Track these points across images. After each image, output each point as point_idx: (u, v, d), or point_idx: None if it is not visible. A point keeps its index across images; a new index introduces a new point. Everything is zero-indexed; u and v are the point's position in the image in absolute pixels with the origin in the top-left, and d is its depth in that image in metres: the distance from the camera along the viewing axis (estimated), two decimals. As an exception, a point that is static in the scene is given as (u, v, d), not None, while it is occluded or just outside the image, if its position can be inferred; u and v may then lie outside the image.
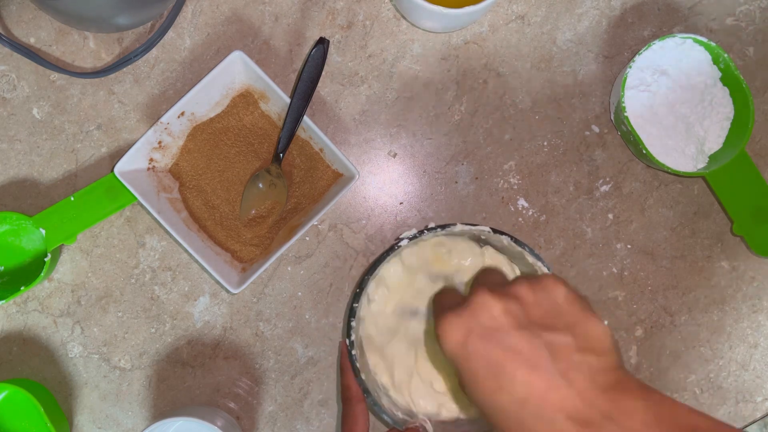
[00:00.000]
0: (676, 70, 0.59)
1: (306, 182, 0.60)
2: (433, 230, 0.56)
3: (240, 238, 0.59)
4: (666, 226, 0.63)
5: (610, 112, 0.62)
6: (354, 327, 0.56)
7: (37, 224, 0.57)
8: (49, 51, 0.61)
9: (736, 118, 0.59)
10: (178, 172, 0.59)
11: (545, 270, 0.55)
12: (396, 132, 0.62)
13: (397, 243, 0.56)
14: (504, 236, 0.56)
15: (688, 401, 0.62)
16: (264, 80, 0.56)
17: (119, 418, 0.61)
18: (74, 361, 0.61)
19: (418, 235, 0.56)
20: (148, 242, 0.61)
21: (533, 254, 0.56)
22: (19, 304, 0.61)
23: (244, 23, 0.61)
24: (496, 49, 0.62)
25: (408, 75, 0.62)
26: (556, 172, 0.62)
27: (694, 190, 0.63)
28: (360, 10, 0.62)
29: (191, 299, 0.61)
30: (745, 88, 0.57)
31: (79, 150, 0.61)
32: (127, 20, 0.57)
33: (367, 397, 0.55)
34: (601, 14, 0.63)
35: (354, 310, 0.56)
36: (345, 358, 0.57)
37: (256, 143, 0.60)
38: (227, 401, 0.61)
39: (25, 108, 0.61)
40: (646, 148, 0.57)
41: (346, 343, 0.56)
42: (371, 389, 0.56)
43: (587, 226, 0.63)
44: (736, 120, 0.59)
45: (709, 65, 0.59)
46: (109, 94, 0.61)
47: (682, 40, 0.59)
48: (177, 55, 0.61)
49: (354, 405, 0.56)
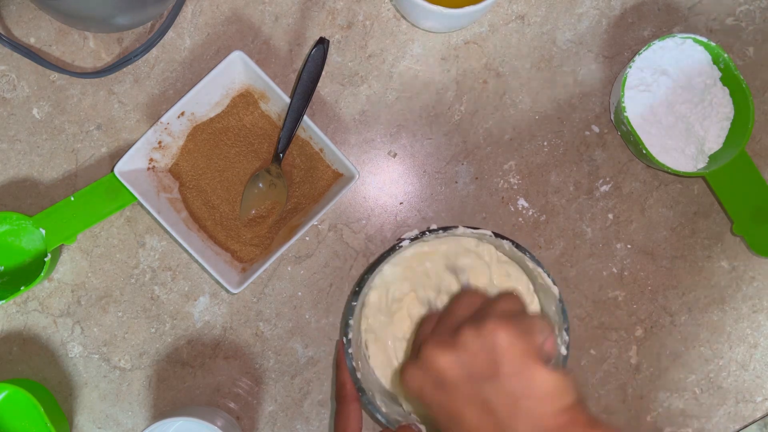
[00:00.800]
0: (676, 70, 0.59)
1: (306, 182, 0.60)
2: (434, 232, 0.56)
3: (240, 238, 0.59)
4: (666, 226, 0.63)
5: (610, 112, 0.62)
6: (351, 325, 0.56)
7: (37, 224, 0.57)
8: (49, 51, 0.61)
9: (736, 118, 0.59)
10: (178, 172, 0.59)
11: (545, 276, 0.56)
12: (396, 132, 0.62)
13: (398, 244, 0.56)
14: (505, 241, 0.56)
15: (688, 401, 0.62)
16: (264, 80, 0.56)
17: (119, 418, 0.61)
18: (74, 361, 0.61)
19: (419, 236, 0.56)
20: (148, 242, 0.61)
21: (534, 260, 0.56)
22: (19, 304, 0.61)
23: (244, 23, 0.61)
24: (496, 49, 0.62)
25: (408, 75, 0.62)
26: (556, 172, 0.62)
27: (694, 190, 0.63)
28: (360, 10, 0.62)
29: (191, 299, 0.61)
30: (745, 88, 0.57)
31: (79, 150, 0.61)
32: (127, 20, 0.57)
33: (361, 396, 0.55)
34: (601, 14, 0.63)
35: (352, 309, 0.56)
36: (341, 356, 0.57)
37: (256, 143, 0.60)
38: (227, 401, 0.61)
39: (25, 108, 0.61)
40: (646, 148, 0.57)
41: (342, 342, 0.56)
42: (366, 388, 0.56)
43: (587, 226, 0.63)
44: (736, 120, 0.59)
45: (709, 65, 0.59)
46: (109, 94, 0.61)
47: (682, 40, 0.59)
48: (177, 55, 0.61)
49: (348, 404, 0.56)
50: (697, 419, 0.63)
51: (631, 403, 0.63)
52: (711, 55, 0.59)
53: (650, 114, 0.59)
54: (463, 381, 0.45)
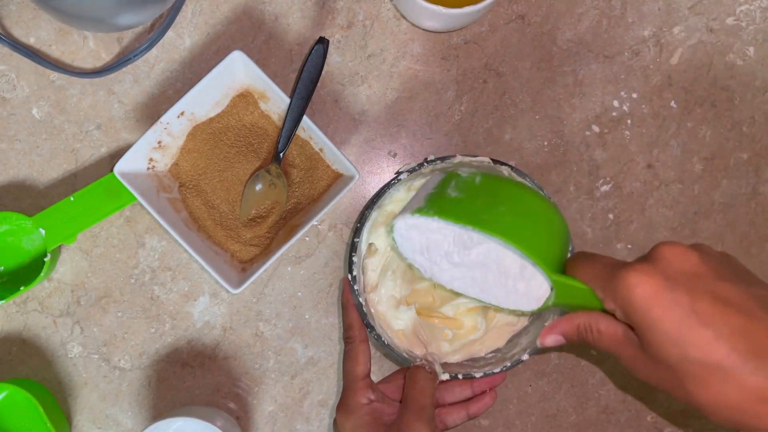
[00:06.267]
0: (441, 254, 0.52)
1: (306, 182, 0.59)
2: (432, 162, 0.56)
3: (240, 238, 0.59)
4: (666, 226, 0.63)
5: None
6: (356, 262, 0.55)
7: (36, 224, 0.57)
8: (49, 51, 0.61)
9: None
10: (177, 172, 0.59)
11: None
12: (396, 132, 0.62)
13: (396, 177, 0.56)
14: (504, 167, 0.55)
15: (688, 401, 0.62)
16: (264, 80, 0.56)
17: (119, 418, 0.61)
18: (74, 361, 0.61)
19: (417, 168, 0.56)
20: (148, 242, 0.61)
21: (534, 184, 0.56)
22: (19, 304, 0.61)
23: (244, 23, 0.61)
24: (496, 49, 0.62)
25: (408, 75, 0.62)
26: (556, 172, 0.62)
27: (695, 189, 0.63)
28: (360, 10, 0.62)
29: (191, 299, 0.61)
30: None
31: (78, 150, 0.61)
32: (126, 20, 0.57)
33: (370, 332, 0.55)
34: (601, 14, 0.63)
35: (355, 245, 0.55)
36: (347, 295, 0.56)
37: (256, 143, 0.60)
38: (227, 401, 0.61)
39: (24, 108, 0.61)
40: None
41: (348, 279, 0.55)
42: (375, 325, 0.55)
43: (587, 226, 0.63)
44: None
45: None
46: (109, 94, 0.61)
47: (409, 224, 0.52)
48: (177, 55, 0.61)
49: (356, 345, 0.55)
50: (697, 419, 0.63)
51: (631, 403, 0.63)
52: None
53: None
54: (719, 279, 0.39)
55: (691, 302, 0.39)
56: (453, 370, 0.56)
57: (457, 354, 0.58)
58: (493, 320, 0.58)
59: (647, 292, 0.40)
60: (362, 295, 0.56)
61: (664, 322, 0.39)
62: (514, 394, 0.63)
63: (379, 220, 0.58)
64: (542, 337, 0.50)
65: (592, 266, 0.45)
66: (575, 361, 0.63)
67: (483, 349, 0.58)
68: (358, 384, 0.54)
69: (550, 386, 0.63)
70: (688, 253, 0.41)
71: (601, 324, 0.45)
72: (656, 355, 0.40)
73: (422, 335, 0.58)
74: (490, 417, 0.63)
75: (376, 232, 0.58)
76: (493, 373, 0.55)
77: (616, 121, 0.63)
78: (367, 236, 0.57)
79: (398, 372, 0.59)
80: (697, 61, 0.63)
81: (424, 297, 0.58)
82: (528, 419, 0.63)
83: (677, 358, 0.39)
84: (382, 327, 0.57)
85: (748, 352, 0.37)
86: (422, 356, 0.56)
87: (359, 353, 0.55)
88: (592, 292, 0.45)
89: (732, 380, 0.38)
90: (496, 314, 0.58)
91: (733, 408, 0.38)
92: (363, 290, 0.56)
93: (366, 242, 0.57)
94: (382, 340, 0.55)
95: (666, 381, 0.41)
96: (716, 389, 0.38)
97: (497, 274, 0.50)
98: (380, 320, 0.57)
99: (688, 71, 0.63)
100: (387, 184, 0.56)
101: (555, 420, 0.63)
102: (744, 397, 0.38)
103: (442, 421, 0.56)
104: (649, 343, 0.41)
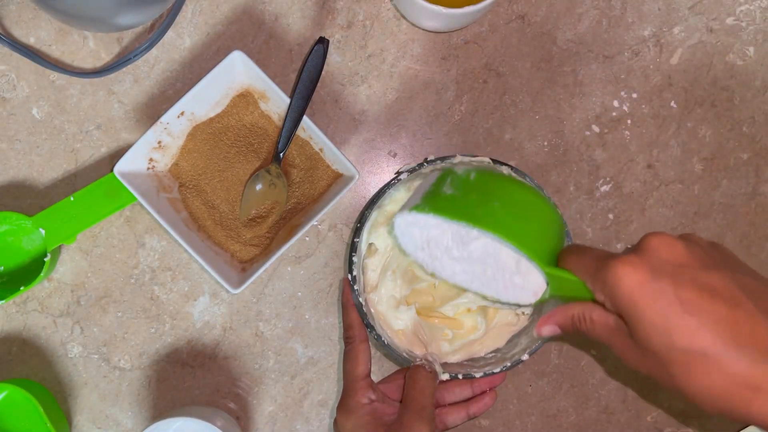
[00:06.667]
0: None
1: (306, 182, 0.59)
2: (432, 162, 0.56)
3: (240, 238, 0.59)
4: (666, 226, 0.63)
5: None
6: (356, 262, 0.55)
7: (36, 224, 0.57)
8: (49, 51, 0.61)
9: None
10: (177, 172, 0.59)
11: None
12: (396, 132, 0.62)
13: (396, 177, 0.56)
14: (504, 167, 0.56)
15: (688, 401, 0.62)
16: (264, 80, 0.56)
17: (119, 418, 0.61)
18: (74, 361, 0.61)
19: (417, 168, 0.56)
20: (148, 242, 0.61)
21: (534, 183, 0.56)
22: (19, 304, 0.61)
23: (244, 23, 0.61)
24: (496, 49, 0.62)
25: (408, 75, 0.62)
26: (556, 172, 0.62)
27: (695, 190, 0.63)
28: (360, 10, 0.62)
29: (191, 299, 0.61)
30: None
31: (78, 150, 0.61)
32: (126, 20, 0.57)
33: (370, 332, 0.55)
34: (601, 14, 0.63)
35: (355, 245, 0.55)
36: (347, 295, 0.56)
37: (256, 143, 0.60)
38: (227, 401, 0.61)
39: (24, 108, 0.61)
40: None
41: (348, 279, 0.55)
42: (375, 325, 0.55)
43: (587, 226, 0.63)
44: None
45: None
46: (109, 94, 0.61)
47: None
48: (177, 55, 0.61)
49: (356, 345, 0.55)
50: (697, 419, 0.63)
51: (631, 403, 0.63)
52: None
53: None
54: (704, 269, 0.40)
55: (676, 291, 0.39)
56: (453, 370, 0.56)
57: (457, 354, 0.58)
58: (493, 320, 0.58)
59: (633, 283, 0.40)
60: (362, 295, 0.56)
61: (649, 312, 0.40)
62: (514, 394, 0.63)
63: (379, 220, 0.58)
64: (539, 327, 0.51)
65: (582, 258, 0.46)
66: (575, 361, 0.63)
67: (483, 349, 0.58)
68: (359, 384, 0.54)
69: (550, 386, 0.63)
70: (675, 243, 0.41)
71: (593, 314, 0.45)
72: (644, 344, 0.41)
73: (422, 335, 0.58)
74: (490, 417, 0.63)
75: (376, 232, 0.58)
76: (493, 373, 0.56)
77: (616, 121, 0.63)
78: (367, 236, 0.57)
79: (398, 372, 0.59)
80: (697, 61, 0.63)
81: (424, 297, 0.58)
82: (528, 419, 0.63)
83: (663, 347, 0.40)
84: (382, 327, 0.57)
85: (732, 339, 0.38)
86: (422, 356, 0.56)
87: (359, 353, 0.55)
88: (583, 283, 0.45)
89: (717, 368, 0.38)
90: (496, 314, 0.58)
91: (719, 395, 0.39)
92: (363, 290, 0.57)
93: (366, 242, 0.57)
94: (382, 340, 0.55)
95: (654, 369, 0.41)
96: (702, 377, 0.39)
97: (496, 268, 0.50)
98: (380, 320, 0.57)
99: (688, 71, 0.63)
100: (387, 184, 0.56)
101: (555, 420, 0.63)
102: (729, 384, 0.38)
103: (442, 421, 0.56)
104: (636, 332, 0.41)
